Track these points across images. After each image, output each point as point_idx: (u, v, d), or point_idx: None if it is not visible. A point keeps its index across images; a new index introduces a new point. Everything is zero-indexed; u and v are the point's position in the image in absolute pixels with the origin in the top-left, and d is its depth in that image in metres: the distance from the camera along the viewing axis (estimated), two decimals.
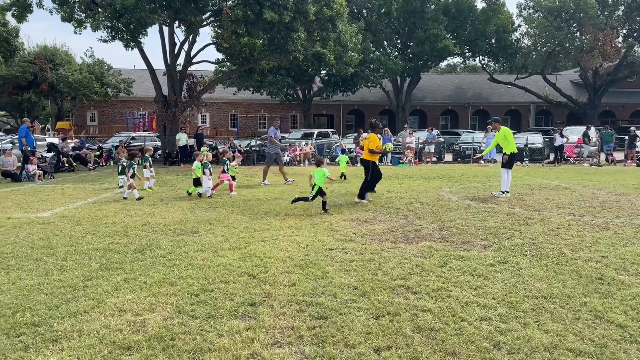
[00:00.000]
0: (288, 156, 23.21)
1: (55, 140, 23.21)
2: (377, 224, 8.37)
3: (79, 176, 17.90)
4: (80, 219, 8.89)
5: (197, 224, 8.42)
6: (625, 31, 41.65)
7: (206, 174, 11.74)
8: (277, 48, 24.12)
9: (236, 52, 27.06)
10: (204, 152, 13.63)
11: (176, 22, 24.28)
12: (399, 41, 42.47)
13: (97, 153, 23.15)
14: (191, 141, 24.70)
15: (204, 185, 11.80)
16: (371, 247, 6.66)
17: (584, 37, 38.07)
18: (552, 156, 24.50)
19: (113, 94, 39.36)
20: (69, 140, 24.37)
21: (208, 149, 22.70)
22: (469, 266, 5.74)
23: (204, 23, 24.44)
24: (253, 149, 25.76)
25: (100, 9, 21.80)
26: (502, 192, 11.57)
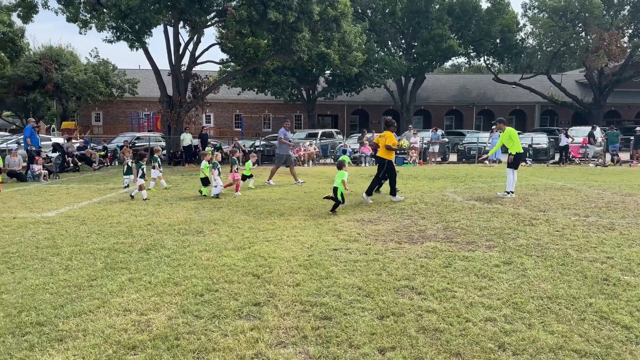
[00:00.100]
0: (295, 154, 23.20)
1: (60, 141, 23.29)
2: (382, 224, 8.36)
3: (84, 176, 17.96)
4: (85, 219, 8.92)
5: (201, 224, 8.43)
6: (630, 31, 41.50)
7: (214, 174, 11.74)
8: (282, 48, 24.14)
9: (240, 52, 27.09)
10: (208, 151, 13.64)
11: (181, 23, 24.34)
12: (403, 41, 42.41)
13: (102, 153, 23.24)
14: (195, 141, 24.77)
15: (214, 184, 11.79)
16: (375, 248, 6.66)
17: (589, 37, 37.94)
18: (557, 156, 24.42)
19: (118, 94, 39.48)
20: (74, 141, 24.46)
21: (212, 149, 22.77)
22: (473, 267, 5.72)
23: (209, 23, 24.49)
24: (257, 149, 25.78)
25: (105, 10, 21.88)
26: (507, 193, 11.53)
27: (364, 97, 46.57)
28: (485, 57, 44.29)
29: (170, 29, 24.46)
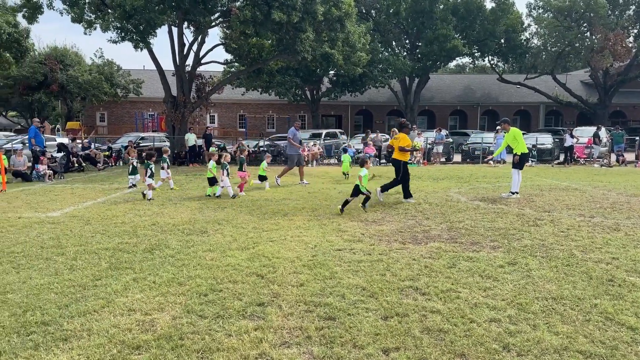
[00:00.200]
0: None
1: (65, 141, 23.38)
2: (386, 224, 8.35)
3: (88, 176, 18.02)
4: (89, 219, 8.94)
5: (205, 224, 8.44)
6: (636, 31, 41.32)
7: (222, 174, 11.75)
8: (286, 48, 24.15)
9: (245, 52, 27.13)
10: (212, 151, 13.65)
11: (185, 23, 24.39)
12: (407, 41, 42.36)
13: (106, 153, 23.31)
14: (200, 141, 24.81)
15: (222, 185, 11.80)
16: (379, 248, 6.65)
17: (594, 37, 37.80)
18: (562, 157, 24.34)
19: (122, 95, 39.58)
20: (78, 141, 24.54)
21: (217, 149, 22.82)
22: (478, 267, 5.71)
23: (213, 24, 24.54)
24: (261, 149, 25.80)
25: (109, 10, 21.97)
26: (512, 193, 11.50)
27: (368, 97, 46.53)
28: (490, 57, 44.18)
29: (175, 30, 24.54)
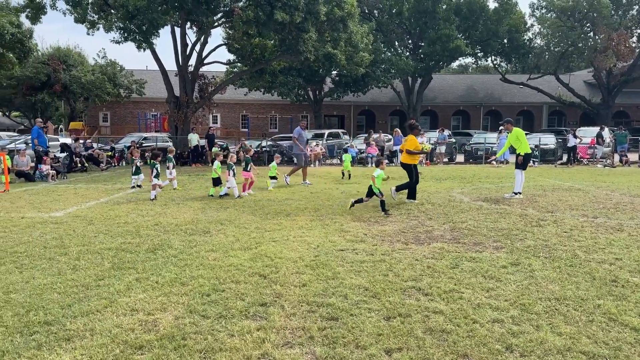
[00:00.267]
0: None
1: (68, 141, 23.43)
2: (388, 224, 8.35)
3: (91, 176, 18.05)
4: (92, 219, 8.96)
5: (208, 224, 8.45)
6: (639, 31, 41.21)
7: (229, 174, 11.76)
8: (288, 49, 24.17)
9: (247, 52, 27.15)
10: (215, 151, 13.65)
11: (188, 23, 24.43)
12: (410, 41, 42.33)
13: (109, 153, 23.35)
14: (202, 142, 24.83)
15: (228, 185, 11.81)
16: (382, 248, 6.64)
17: (597, 37, 37.72)
18: (565, 157, 24.29)
19: (125, 95, 39.65)
20: (81, 141, 24.59)
21: (219, 149, 22.84)
22: (481, 268, 5.70)
23: (216, 24, 24.57)
24: (264, 149, 25.80)
25: (112, 11, 22.00)
26: (515, 194, 11.47)
27: (370, 97, 46.51)
28: (493, 57, 44.13)
29: (178, 30, 24.57)
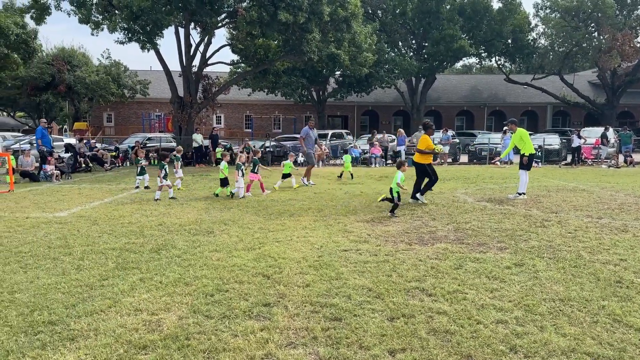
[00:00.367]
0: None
1: (72, 141, 23.50)
2: (392, 225, 8.34)
3: (95, 176, 18.10)
4: (97, 219, 8.98)
5: (212, 224, 8.46)
6: None
7: (238, 175, 11.77)
8: (292, 49, 24.16)
9: (251, 53, 27.16)
10: (219, 152, 13.66)
11: (192, 24, 24.47)
12: (414, 42, 42.28)
13: (113, 154, 23.41)
14: (206, 142, 24.86)
15: (238, 185, 11.81)
16: (385, 249, 6.64)
17: (602, 37, 37.58)
18: (570, 157, 24.21)
19: (129, 95, 39.68)
20: (85, 141, 24.65)
21: (223, 149, 22.86)
22: (484, 268, 5.69)
23: (219, 24, 24.60)
24: (267, 149, 25.81)
25: (117, 11, 22.04)
26: (519, 194, 11.44)
27: (374, 97, 46.48)
28: (497, 57, 44.02)
29: (182, 30, 24.61)
